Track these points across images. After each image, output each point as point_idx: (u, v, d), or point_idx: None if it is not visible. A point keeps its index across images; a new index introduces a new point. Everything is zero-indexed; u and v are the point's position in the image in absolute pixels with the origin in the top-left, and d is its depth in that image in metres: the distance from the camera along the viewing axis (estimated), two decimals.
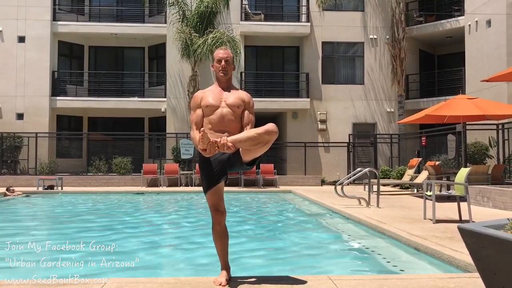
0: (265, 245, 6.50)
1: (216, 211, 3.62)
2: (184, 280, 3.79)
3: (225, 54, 3.75)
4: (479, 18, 17.26)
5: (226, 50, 3.82)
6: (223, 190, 3.70)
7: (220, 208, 3.63)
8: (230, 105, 3.63)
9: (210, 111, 3.64)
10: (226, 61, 3.73)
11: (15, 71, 19.61)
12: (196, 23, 18.31)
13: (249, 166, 3.64)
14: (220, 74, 3.74)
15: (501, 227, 2.20)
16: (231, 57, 3.77)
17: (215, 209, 3.62)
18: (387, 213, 8.35)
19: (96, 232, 7.69)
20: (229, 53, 3.79)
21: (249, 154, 3.48)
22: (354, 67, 20.77)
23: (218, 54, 3.77)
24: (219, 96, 3.68)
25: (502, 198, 8.87)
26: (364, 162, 19.16)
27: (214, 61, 3.78)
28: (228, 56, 3.75)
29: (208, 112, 3.65)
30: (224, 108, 3.63)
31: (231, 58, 3.77)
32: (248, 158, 3.52)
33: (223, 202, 3.67)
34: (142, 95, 21.11)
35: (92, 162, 18.32)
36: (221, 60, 3.73)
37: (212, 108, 3.64)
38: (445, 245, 5.17)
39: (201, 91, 3.84)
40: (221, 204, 3.64)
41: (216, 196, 3.62)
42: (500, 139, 13.62)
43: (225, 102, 3.64)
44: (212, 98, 3.67)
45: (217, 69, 3.75)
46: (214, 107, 3.64)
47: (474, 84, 16.90)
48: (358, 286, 3.62)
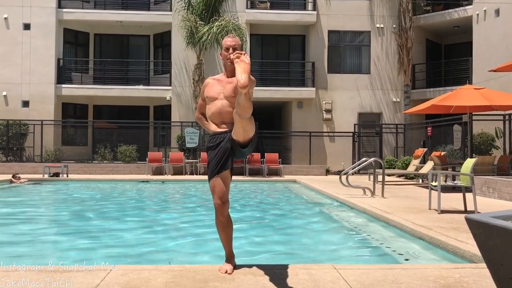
0: (269, 233, 6.51)
1: (218, 200, 3.55)
2: (189, 268, 3.80)
3: (233, 42, 3.69)
4: (487, 7, 17.07)
5: (234, 37, 3.75)
6: (229, 180, 3.63)
7: (223, 198, 3.55)
8: (227, 96, 3.60)
9: (210, 101, 3.69)
10: (234, 48, 3.65)
11: (21, 59, 19.62)
12: (202, 11, 18.21)
13: (245, 150, 3.57)
14: (228, 62, 3.66)
15: (509, 218, 2.18)
16: (239, 44, 3.71)
17: (217, 198, 3.55)
18: (392, 203, 8.35)
19: (96, 221, 7.74)
20: (237, 40, 3.72)
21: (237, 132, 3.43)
22: (360, 56, 20.65)
23: (226, 41, 3.71)
24: (220, 87, 3.66)
25: (507, 189, 8.83)
26: (369, 152, 19.13)
27: (222, 49, 3.73)
28: (236, 44, 3.68)
29: (209, 103, 3.71)
30: (221, 101, 3.62)
31: (239, 45, 3.70)
32: (236, 137, 3.46)
33: (227, 192, 3.59)
34: (147, 83, 21.10)
35: (98, 150, 18.38)
36: (229, 48, 3.66)
37: (211, 99, 3.67)
38: (450, 235, 5.16)
39: (210, 79, 3.83)
40: (224, 194, 3.56)
41: (220, 185, 3.55)
42: (507, 130, 13.54)
43: (223, 94, 3.62)
44: (213, 89, 3.68)
45: (225, 57, 3.68)
46: (213, 99, 3.66)
47: (481, 74, 16.77)
48: (363, 275, 3.62)
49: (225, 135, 3.62)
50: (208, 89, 3.73)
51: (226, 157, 3.55)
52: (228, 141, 3.57)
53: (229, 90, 3.60)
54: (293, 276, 3.53)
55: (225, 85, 3.65)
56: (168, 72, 20.52)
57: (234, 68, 3.67)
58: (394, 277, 3.57)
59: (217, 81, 3.73)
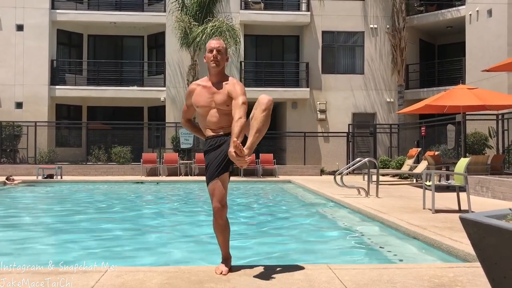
0: (264, 234, 6.51)
1: (218, 203, 3.51)
2: (184, 269, 3.80)
3: (217, 44, 3.61)
4: (480, 8, 17.17)
5: (219, 40, 3.70)
6: (227, 182, 3.60)
7: (222, 201, 3.51)
8: (219, 105, 3.57)
9: (203, 111, 3.64)
10: (218, 51, 3.59)
11: (14, 60, 19.52)
12: (196, 11, 18.18)
13: None
14: (211, 64, 3.60)
15: (503, 217, 2.20)
16: (223, 47, 3.63)
17: (217, 201, 3.51)
18: (386, 202, 8.37)
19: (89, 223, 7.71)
20: (221, 43, 3.65)
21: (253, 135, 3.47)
22: (354, 57, 20.70)
23: (210, 44, 3.64)
24: (209, 95, 3.59)
25: (501, 188, 8.89)
26: (363, 152, 19.18)
27: (206, 51, 3.65)
28: (220, 46, 3.61)
29: (202, 112, 3.65)
30: (214, 109, 3.59)
31: (223, 48, 3.62)
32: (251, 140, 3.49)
33: (226, 195, 3.56)
34: (141, 84, 21.04)
35: (92, 151, 18.31)
36: (212, 50, 3.59)
37: (203, 108, 3.62)
38: (444, 234, 5.18)
39: (195, 84, 3.73)
40: (224, 198, 3.53)
41: (219, 188, 3.51)
42: (500, 129, 13.61)
43: (214, 103, 3.58)
44: (202, 98, 3.61)
45: (208, 59, 3.61)
46: (206, 108, 3.61)
47: (474, 74, 16.86)
48: (358, 275, 3.63)
49: (225, 137, 3.59)
50: (196, 98, 3.65)
51: (228, 160, 3.48)
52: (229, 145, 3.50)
53: (219, 101, 3.57)
54: (288, 277, 3.54)
55: (214, 95, 3.59)
56: (162, 73, 20.47)
57: (219, 71, 3.64)
58: (389, 277, 3.58)
59: (203, 87, 3.65)
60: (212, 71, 3.63)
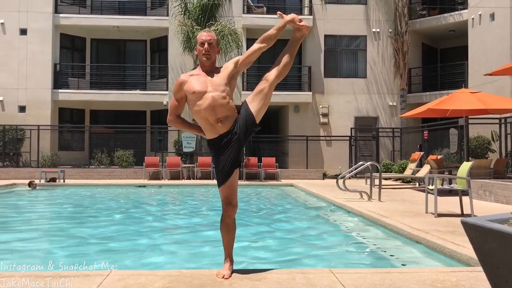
0: (266, 238, 6.50)
1: (229, 204, 3.60)
2: (186, 272, 3.79)
3: (209, 37, 3.60)
4: (482, 12, 17.16)
5: (210, 32, 3.69)
6: (237, 183, 3.66)
7: (233, 201, 3.61)
8: (215, 86, 3.49)
9: (197, 97, 3.48)
10: (210, 43, 3.58)
11: (17, 64, 19.59)
12: (198, 15, 18.23)
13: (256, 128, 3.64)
14: (203, 58, 3.59)
15: (505, 221, 2.19)
16: (215, 39, 3.62)
17: (227, 202, 3.60)
18: (388, 206, 8.35)
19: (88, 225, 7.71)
20: (212, 35, 3.64)
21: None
22: (357, 61, 20.71)
23: (201, 36, 3.61)
24: (204, 80, 3.53)
25: (504, 192, 8.86)
26: (366, 155, 19.15)
27: (197, 44, 3.64)
28: (212, 39, 3.60)
29: (195, 99, 3.49)
30: (211, 93, 3.47)
31: (215, 40, 3.62)
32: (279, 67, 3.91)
33: (236, 195, 3.65)
34: (144, 88, 21.08)
35: (94, 155, 18.34)
36: (204, 42, 3.58)
37: (199, 94, 3.48)
38: (446, 239, 5.16)
39: (185, 76, 3.63)
40: (234, 198, 3.62)
41: (230, 189, 3.59)
42: (503, 133, 13.59)
43: (211, 86, 3.50)
44: (197, 83, 3.52)
45: (200, 52, 3.60)
46: (201, 93, 3.47)
47: (477, 78, 16.84)
48: (360, 279, 3.62)
49: (231, 135, 3.56)
50: (189, 85, 3.53)
51: (236, 156, 3.54)
52: (236, 141, 3.54)
53: (215, 83, 3.51)
54: (290, 281, 3.53)
55: (208, 79, 3.54)
56: (165, 76, 20.52)
57: (210, 63, 3.61)
58: (391, 281, 3.57)
59: (196, 76, 3.59)
60: (205, 63, 3.62)
